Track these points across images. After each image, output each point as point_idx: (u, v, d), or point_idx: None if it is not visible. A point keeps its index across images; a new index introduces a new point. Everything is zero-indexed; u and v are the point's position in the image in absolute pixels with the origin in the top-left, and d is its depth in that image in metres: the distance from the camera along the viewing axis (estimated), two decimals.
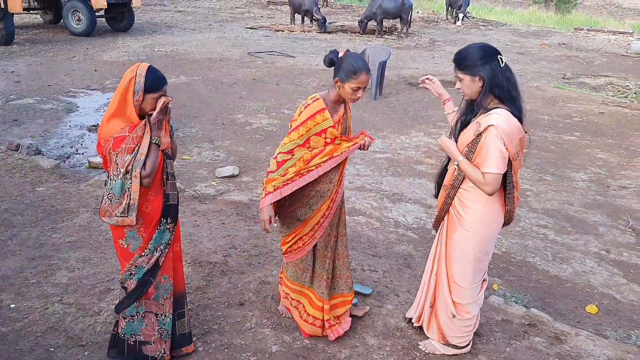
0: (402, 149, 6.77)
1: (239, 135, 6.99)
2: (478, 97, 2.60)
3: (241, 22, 17.39)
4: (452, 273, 2.83)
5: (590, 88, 10.92)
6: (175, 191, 2.73)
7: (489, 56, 2.56)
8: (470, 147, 2.59)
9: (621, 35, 18.61)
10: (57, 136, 6.61)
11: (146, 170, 2.45)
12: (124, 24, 14.26)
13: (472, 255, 2.75)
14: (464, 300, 2.86)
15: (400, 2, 15.53)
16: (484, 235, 2.72)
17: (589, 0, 30.54)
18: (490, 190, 2.56)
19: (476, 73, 2.55)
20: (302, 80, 10.14)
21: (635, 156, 7.01)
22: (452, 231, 2.79)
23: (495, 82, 2.53)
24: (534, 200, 5.50)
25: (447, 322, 2.93)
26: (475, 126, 2.57)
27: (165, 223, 2.65)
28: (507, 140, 2.48)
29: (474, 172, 2.56)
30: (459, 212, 2.73)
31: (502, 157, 2.49)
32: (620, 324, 3.62)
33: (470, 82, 2.58)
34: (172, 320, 2.77)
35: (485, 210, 2.67)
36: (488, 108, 2.56)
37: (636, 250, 4.64)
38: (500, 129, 2.47)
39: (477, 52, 2.57)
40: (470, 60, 2.56)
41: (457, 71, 2.62)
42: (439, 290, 2.93)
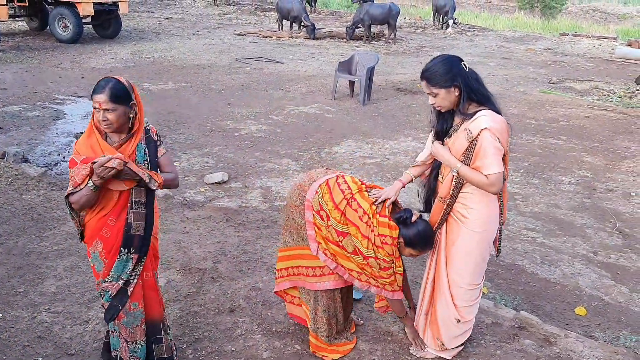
0: (391, 154, 6.79)
1: (227, 141, 6.98)
2: (455, 106, 2.64)
3: (229, 29, 17.39)
4: (458, 277, 2.82)
5: (576, 92, 11.05)
6: (143, 221, 2.49)
7: (456, 65, 2.61)
8: (465, 155, 2.61)
9: (605, 40, 18.85)
10: (44, 144, 6.56)
11: (73, 201, 2.36)
12: (111, 31, 14.19)
13: (479, 255, 2.77)
14: (468, 302, 2.86)
15: (387, 8, 15.65)
16: (489, 234, 2.75)
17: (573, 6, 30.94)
18: (496, 190, 2.59)
19: (450, 84, 2.58)
20: (290, 87, 10.15)
21: (621, 159, 7.09)
22: (455, 236, 2.78)
23: (470, 88, 2.59)
24: (522, 204, 5.54)
25: (449, 328, 2.92)
26: (464, 133, 2.59)
27: (126, 253, 2.46)
28: (501, 137, 2.54)
29: (475, 175, 2.57)
30: (462, 214, 2.73)
31: (499, 155, 2.54)
32: (609, 325, 3.65)
33: (446, 95, 2.60)
34: (145, 347, 2.64)
35: (488, 210, 2.70)
36: (469, 113, 2.60)
37: (623, 252, 4.69)
38: (493, 129, 2.52)
39: (445, 64, 2.61)
40: (441, 74, 2.59)
41: (429, 87, 2.63)
42: (440, 297, 2.91)
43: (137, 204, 2.48)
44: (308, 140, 7.16)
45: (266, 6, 23.84)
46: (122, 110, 2.38)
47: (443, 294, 2.89)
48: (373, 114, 8.65)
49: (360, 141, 7.25)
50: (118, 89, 2.35)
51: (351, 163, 6.41)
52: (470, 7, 29.78)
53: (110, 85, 2.34)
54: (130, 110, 2.43)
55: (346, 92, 9.69)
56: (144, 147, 2.52)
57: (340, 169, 6.17)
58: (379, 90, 10.14)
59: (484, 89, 2.64)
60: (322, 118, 8.25)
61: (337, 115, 8.44)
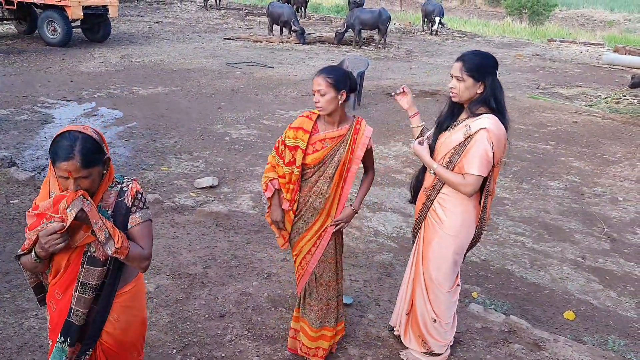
0: (381, 159, 6.81)
1: (218, 145, 6.96)
2: (468, 101, 2.64)
3: (219, 33, 17.37)
4: (432, 278, 2.84)
5: (564, 98, 11.15)
6: (86, 310, 1.95)
7: (494, 65, 2.63)
8: (457, 149, 2.62)
9: (593, 47, 19.07)
10: (32, 148, 6.50)
11: (22, 263, 2.00)
12: (101, 35, 14.12)
13: (451, 258, 2.78)
14: (443, 304, 2.88)
15: (377, 13, 15.72)
16: (463, 239, 2.76)
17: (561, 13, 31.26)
18: (470, 191, 2.60)
19: (481, 79, 2.58)
20: (281, 91, 10.16)
21: (608, 164, 7.16)
22: (432, 237, 2.81)
23: (493, 93, 2.59)
24: (512, 208, 5.58)
25: (428, 328, 2.93)
26: (464, 129, 2.60)
27: (62, 342, 1.96)
28: (496, 144, 2.54)
29: (451, 176, 2.61)
30: (439, 216, 2.75)
31: (487, 160, 2.54)
32: (597, 329, 3.68)
33: (471, 85, 2.59)
34: None
35: (466, 215, 2.71)
36: (477, 113, 2.61)
37: (611, 257, 4.73)
38: (492, 132, 2.52)
39: (487, 58, 2.62)
40: (479, 65, 2.58)
41: (461, 71, 2.58)
42: (418, 297, 2.94)
43: (87, 287, 1.93)
44: None
45: (256, 11, 23.86)
46: (98, 172, 1.89)
47: (421, 293, 2.91)
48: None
49: None
50: (89, 149, 1.84)
51: None
52: (459, 13, 30.00)
53: (79, 146, 1.82)
54: (104, 167, 1.94)
55: None
56: (109, 214, 1.95)
57: None
58: (369, 95, 10.17)
59: (503, 100, 2.64)
60: None
61: None
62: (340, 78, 2.65)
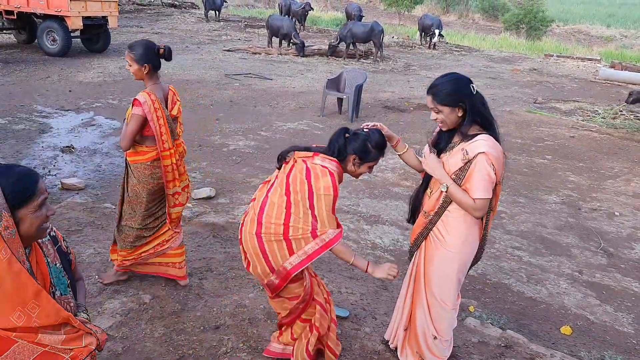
0: (379, 171, 6.82)
1: (215, 156, 6.96)
2: (456, 126, 2.62)
3: (218, 45, 17.45)
4: (435, 295, 2.81)
5: (561, 112, 11.21)
6: None
7: (465, 85, 2.58)
8: (457, 174, 2.59)
9: (589, 62, 19.21)
10: (30, 157, 6.49)
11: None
12: (100, 45, 14.17)
13: (455, 276, 2.76)
14: (445, 321, 2.86)
15: (369, 27, 15.82)
16: (466, 256, 2.75)
17: (558, 28, 31.54)
18: (480, 215, 2.60)
19: (456, 103, 2.55)
20: (279, 103, 10.19)
21: (605, 179, 7.18)
22: (433, 254, 2.78)
23: (475, 111, 2.56)
24: (509, 222, 5.58)
25: (429, 344, 2.91)
26: (461, 153, 2.58)
27: None
28: (497, 164, 2.51)
29: (463, 197, 2.56)
30: (441, 234, 2.72)
31: (491, 182, 2.53)
32: (594, 344, 3.67)
33: (450, 113, 2.57)
34: None
35: (469, 232, 2.69)
36: (469, 135, 2.58)
37: (608, 272, 4.72)
38: (490, 155, 2.50)
39: (454, 82, 2.58)
40: (449, 91, 2.55)
41: (434, 103, 2.58)
42: (418, 313, 2.90)
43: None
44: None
45: (256, 23, 24.00)
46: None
47: (422, 309, 2.88)
48: None
49: None
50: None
51: None
52: (457, 27, 30.22)
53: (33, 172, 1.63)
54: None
55: (334, 109, 9.74)
56: (59, 267, 1.75)
57: None
58: (367, 107, 10.21)
59: (488, 114, 2.61)
60: (311, 134, 8.27)
61: (325, 132, 8.47)
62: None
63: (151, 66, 3.36)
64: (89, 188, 5.68)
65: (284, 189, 2.65)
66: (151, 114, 3.32)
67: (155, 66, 3.41)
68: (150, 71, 3.38)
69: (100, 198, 5.41)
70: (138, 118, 3.31)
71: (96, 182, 5.88)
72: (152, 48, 3.36)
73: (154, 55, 3.37)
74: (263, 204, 2.71)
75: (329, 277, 4.10)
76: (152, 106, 3.32)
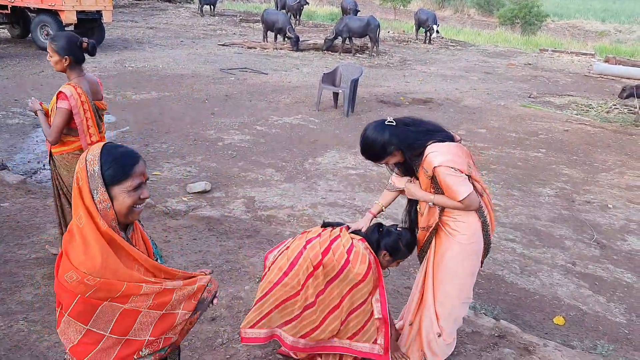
0: (375, 166, 6.82)
1: (210, 151, 6.96)
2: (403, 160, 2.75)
3: (213, 39, 17.40)
4: (443, 296, 2.83)
5: (555, 107, 11.25)
6: None
7: (384, 130, 2.67)
8: (433, 187, 2.70)
9: (584, 57, 19.26)
10: (24, 151, 6.47)
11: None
12: (94, 40, 14.03)
13: (469, 267, 2.80)
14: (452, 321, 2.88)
15: (365, 21, 15.79)
16: (477, 245, 2.79)
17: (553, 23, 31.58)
18: (474, 208, 2.69)
19: (392, 151, 2.68)
20: (274, 97, 10.19)
21: (599, 172, 7.23)
22: (445, 248, 2.80)
23: (407, 143, 2.66)
24: (503, 215, 5.61)
25: (432, 342, 2.92)
26: (423, 173, 2.69)
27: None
28: (457, 165, 2.59)
29: (450, 202, 2.66)
30: (451, 227, 2.76)
31: (462, 180, 2.60)
32: (587, 334, 3.71)
33: (392, 160, 2.74)
34: None
35: (476, 221, 2.75)
36: (418, 155, 2.68)
37: (601, 263, 4.77)
38: (444, 163, 2.58)
39: (374, 137, 2.69)
40: (378, 149, 2.69)
41: (377, 164, 2.79)
42: (425, 311, 2.92)
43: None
44: (292, 151, 7.18)
45: (251, 17, 23.93)
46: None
47: (428, 308, 2.89)
48: (357, 126, 8.70)
49: (344, 152, 7.29)
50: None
51: (334, 174, 6.43)
52: (452, 22, 30.23)
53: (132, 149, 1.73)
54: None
55: (330, 103, 9.75)
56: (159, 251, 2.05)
57: (324, 179, 6.20)
58: (362, 102, 10.22)
59: (421, 127, 2.70)
60: (306, 129, 8.29)
61: (321, 126, 8.48)
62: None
63: (72, 59, 3.36)
64: None
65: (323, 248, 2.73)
66: (77, 108, 3.34)
67: (78, 59, 3.41)
68: (72, 64, 3.39)
69: None
70: (64, 112, 3.32)
71: None
72: (75, 41, 3.38)
73: (76, 48, 3.37)
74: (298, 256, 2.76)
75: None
76: (78, 100, 3.34)
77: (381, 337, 2.81)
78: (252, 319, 2.82)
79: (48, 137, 3.39)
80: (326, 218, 5.21)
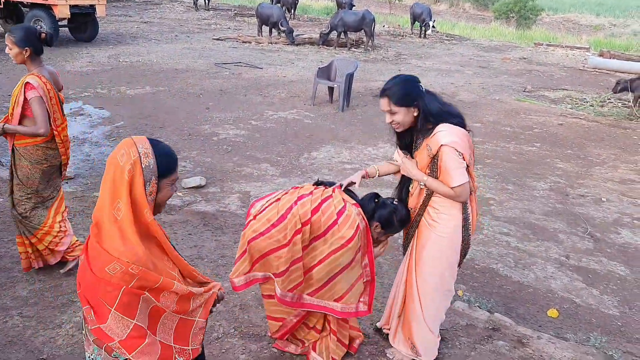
0: (370, 160, 6.85)
1: (205, 146, 6.95)
2: (412, 126, 2.69)
3: (208, 34, 17.33)
4: (424, 283, 2.85)
5: (550, 101, 11.28)
6: None
7: (416, 86, 2.66)
8: (430, 168, 2.68)
9: (578, 51, 19.28)
10: None
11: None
12: (88, 34, 14.03)
13: (446, 260, 2.81)
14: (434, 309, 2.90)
15: (360, 16, 15.76)
16: (457, 240, 2.79)
17: (547, 17, 31.59)
18: (464, 200, 2.68)
19: (412, 103, 2.62)
20: (269, 92, 10.16)
21: (593, 166, 7.26)
22: (425, 240, 2.82)
23: (428, 108, 2.63)
24: (497, 209, 5.63)
25: (420, 329, 2.94)
26: (426, 150, 2.66)
27: None
28: (462, 149, 2.59)
29: (442, 187, 2.64)
30: (432, 219, 2.78)
31: (462, 167, 2.60)
32: (580, 327, 3.73)
33: (405, 113, 2.64)
34: None
35: (459, 215, 2.75)
36: (429, 129, 2.66)
37: (594, 256, 4.80)
38: (452, 144, 2.57)
39: (406, 83, 2.65)
40: (403, 93, 2.62)
41: (390, 105, 2.64)
42: (410, 301, 2.94)
43: None
44: (287, 146, 7.17)
45: (245, 12, 23.83)
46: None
47: (413, 297, 2.92)
48: (352, 120, 8.71)
49: (339, 147, 7.29)
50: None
51: (330, 168, 6.44)
52: (447, 17, 30.20)
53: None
54: None
55: (325, 98, 9.74)
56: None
57: (319, 174, 6.20)
58: (357, 96, 10.21)
59: (442, 105, 2.68)
60: (301, 123, 8.28)
61: (316, 121, 8.48)
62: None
63: (32, 50, 3.40)
64: (79, 177, 5.66)
65: (313, 206, 2.70)
66: (45, 96, 3.40)
67: (37, 50, 3.45)
68: (32, 55, 3.43)
69: (90, 187, 5.40)
70: (39, 100, 3.38)
71: (85, 171, 5.87)
72: (34, 32, 3.44)
73: (35, 39, 3.42)
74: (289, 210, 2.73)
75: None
76: (44, 87, 3.40)
77: (366, 295, 2.83)
78: (243, 269, 2.83)
79: (38, 131, 3.38)
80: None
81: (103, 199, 1.62)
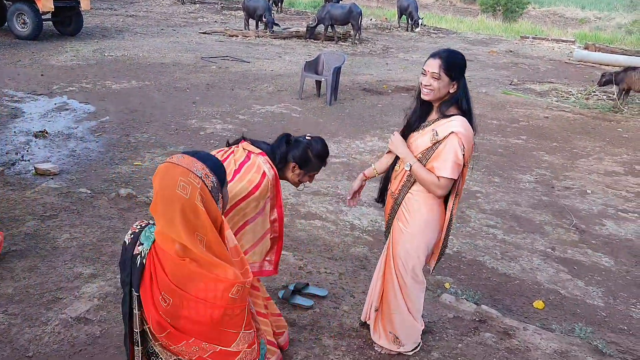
0: (357, 154, 6.85)
1: (193, 140, 6.91)
2: (439, 100, 2.63)
3: (194, 27, 17.19)
4: (403, 275, 2.86)
5: (536, 94, 11.35)
6: None
7: (465, 67, 2.64)
8: (424, 154, 2.63)
9: (564, 44, 19.41)
10: (1, 142, 6.36)
11: None
12: (72, 28, 13.84)
13: (416, 255, 2.81)
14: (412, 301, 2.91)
15: (347, 9, 15.72)
16: (429, 236, 2.78)
17: (534, 10, 31.74)
18: (442, 194, 2.63)
19: (456, 78, 2.57)
20: (257, 86, 10.12)
21: (578, 158, 7.33)
22: (399, 238, 2.83)
23: (466, 93, 2.61)
24: (483, 201, 5.67)
25: (402, 320, 2.95)
26: (430, 134, 2.61)
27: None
28: (467, 146, 2.55)
29: (427, 175, 2.59)
30: (405, 216, 2.78)
31: (458, 163, 2.56)
32: (565, 317, 3.78)
33: (447, 84, 2.56)
34: None
35: (430, 215, 2.73)
36: (447, 114, 2.61)
37: (579, 248, 4.85)
38: (462, 135, 2.53)
39: (463, 59, 2.62)
40: (459, 64, 2.58)
41: (440, 68, 2.53)
42: (390, 293, 2.94)
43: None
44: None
45: (232, 5, 23.67)
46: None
47: (393, 289, 2.91)
48: (339, 114, 8.70)
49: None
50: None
51: None
52: (434, 10, 30.24)
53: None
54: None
55: (313, 91, 9.72)
56: None
57: None
58: (345, 90, 10.20)
59: (471, 102, 2.67)
60: (289, 117, 8.26)
61: (303, 115, 8.46)
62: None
63: None
64: (64, 173, 5.61)
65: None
66: None
67: None
68: None
69: (75, 183, 5.35)
70: None
71: (71, 167, 5.81)
72: None
73: None
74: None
75: (308, 258, 4.14)
76: None
77: (272, 254, 2.68)
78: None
79: None
80: (309, 207, 5.22)
81: (179, 237, 1.59)
